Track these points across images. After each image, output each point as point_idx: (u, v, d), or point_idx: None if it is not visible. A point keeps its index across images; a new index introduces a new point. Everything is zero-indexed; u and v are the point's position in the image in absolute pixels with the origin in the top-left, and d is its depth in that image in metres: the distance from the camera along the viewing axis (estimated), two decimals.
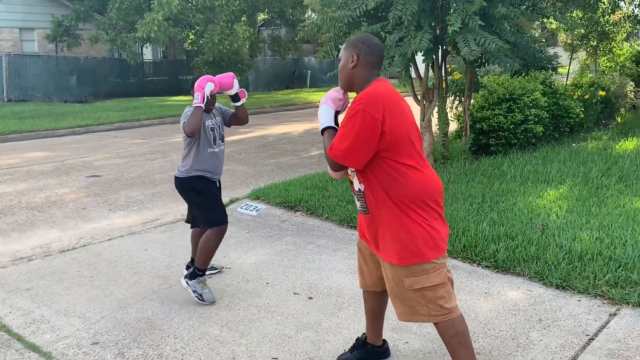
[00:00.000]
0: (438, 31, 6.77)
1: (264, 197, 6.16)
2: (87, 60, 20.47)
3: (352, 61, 2.55)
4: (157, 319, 3.56)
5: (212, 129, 3.88)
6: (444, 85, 7.45)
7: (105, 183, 7.53)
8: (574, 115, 9.36)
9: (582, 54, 15.47)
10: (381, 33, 6.46)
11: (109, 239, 5.22)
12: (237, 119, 4.05)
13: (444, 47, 6.98)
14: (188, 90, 21.61)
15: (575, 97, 10.00)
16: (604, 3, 12.46)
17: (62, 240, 5.23)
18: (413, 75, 7.43)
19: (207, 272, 4.02)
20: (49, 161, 9.18)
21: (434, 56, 6.77)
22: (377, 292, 2.83)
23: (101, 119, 13.98)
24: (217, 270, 4.34)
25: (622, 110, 12.10)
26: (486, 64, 7.02)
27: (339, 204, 5.64)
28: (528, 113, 8.07)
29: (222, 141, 3.98)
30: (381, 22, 6.51)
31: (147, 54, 26.77)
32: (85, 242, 5.15)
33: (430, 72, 7.35)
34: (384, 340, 2.98)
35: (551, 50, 10.70)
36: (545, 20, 10.07)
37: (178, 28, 16.99)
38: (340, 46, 7.14)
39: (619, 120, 11.63)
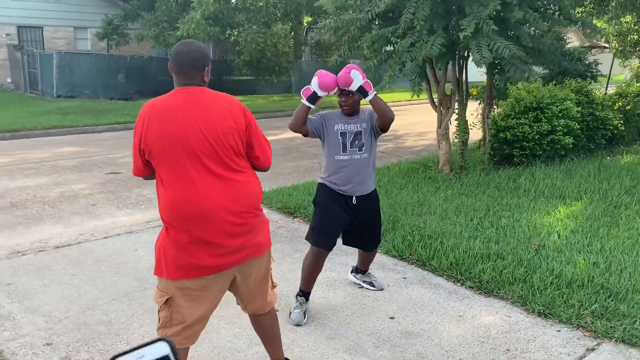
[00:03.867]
0: (455, 36, 6.49)
1: (266, 201, 6.08)
2: (134, 58, 21.03)
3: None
4: (117, 322, 3.53)
5: (343, 134, 3.38)
6: (463, 92, 7.15)
7: (122, 180, 7.66)
8: (611, 127, 8.81)
9: (635, 62, 14.63)
10: (391, 38, 6.26)
11: (105, 237, 5.27)
12: (378, 118, 3.33)
13: (460, 53, 6.69)
14: (231, 91, 21.77)
15: (616, 107, 9.42)
16: None
17: (62, 236, 5.32)
18: (431, 80, 7.15)
19: (365, 285, 3.89)
20: (77, 157, 9.44)
21: (449, 62, 6.50)
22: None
23: None
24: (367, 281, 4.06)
25: None
26: (506, 71, 6.67)
27: None
28: (556, 123, 7.63)
29: (361, 149, 3.39)
30: (394, 26, 6.31)
31: None
32: (82, 239, 5.21)
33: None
34: None
35: (592, 57, 10.11)
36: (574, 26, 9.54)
37: (218, 27, 17.17)
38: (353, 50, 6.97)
39: None
